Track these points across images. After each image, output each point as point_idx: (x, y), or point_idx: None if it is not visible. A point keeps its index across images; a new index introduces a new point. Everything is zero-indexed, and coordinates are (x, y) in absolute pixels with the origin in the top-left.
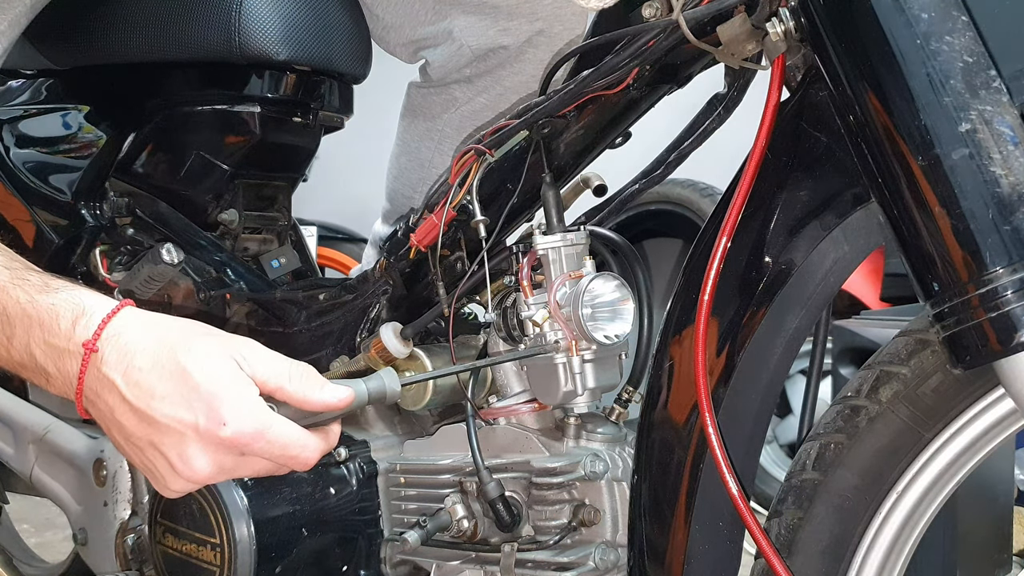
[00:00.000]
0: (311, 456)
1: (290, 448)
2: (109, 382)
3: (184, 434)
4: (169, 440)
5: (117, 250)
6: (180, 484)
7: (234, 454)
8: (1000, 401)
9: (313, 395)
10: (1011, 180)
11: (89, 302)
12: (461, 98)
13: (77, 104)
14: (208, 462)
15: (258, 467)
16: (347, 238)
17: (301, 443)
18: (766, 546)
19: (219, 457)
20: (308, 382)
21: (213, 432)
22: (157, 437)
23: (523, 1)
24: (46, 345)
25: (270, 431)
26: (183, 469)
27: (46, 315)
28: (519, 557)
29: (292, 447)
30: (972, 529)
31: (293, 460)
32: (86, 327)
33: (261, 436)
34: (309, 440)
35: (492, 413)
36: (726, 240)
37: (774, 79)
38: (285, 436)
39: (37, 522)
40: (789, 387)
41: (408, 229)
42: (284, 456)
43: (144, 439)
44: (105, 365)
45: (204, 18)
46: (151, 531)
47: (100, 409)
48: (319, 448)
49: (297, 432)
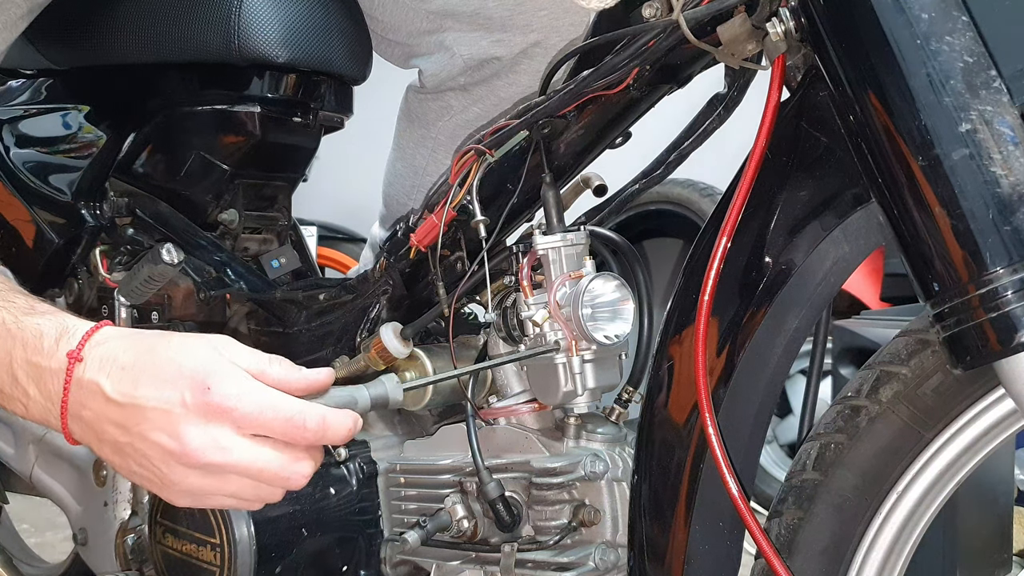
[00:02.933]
0: (311, 421)
1: (283, 410)
2: (94, 386)
3: (171, 411)
4: (158, 424)
5: (117, 250)
6: (180, 473)
7: (228, 425)
8: (1000, 401)
9: (293, 376)
10: (1011, 180)
11: (71, 322)
12: (456, 106)
13: (77, 104)
14: (201, 434)
15: (258, 451)
16: (347, 238)
17: (298, 409)
18: (766, 546)
19: (213, 430)
20: (287, 366)
21: (199, 400)
22: (146, 425)
23: (517, 13)
24: (28, 365)
25: (257, 393)
26: (178, 450)
27: (30, 335)
28: (519, 557)
29: (286, 410)
30: (972, 529)
31: (296, 429)
32: (69, 342)
33: (248, 398)
34: (303, 405)
35: (492, 413)
36: (726, 240)
37: (774, 79)
38: (277, 398)
39: (37, 522)
40: (789, 387)
41: (408, 229)
42: (282, 423)
43: (136, 436)
44: (89, 371)
45: (203, 19)
46: (151, 531)
47: (86, 419)
48: (319, 412)
49: (291, 400)
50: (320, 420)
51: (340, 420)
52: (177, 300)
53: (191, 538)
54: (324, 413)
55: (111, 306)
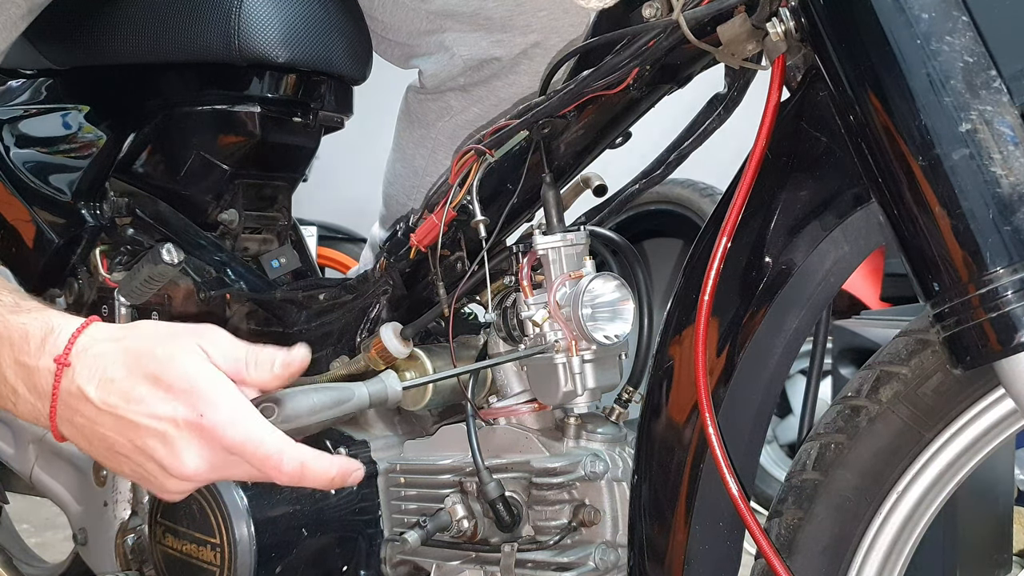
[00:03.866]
0: (287, 465)
1: (264, 448)
2: (84, 394)
3: (166, 432)
4: (153, 441)
5: (117, 250)
6: (174, 484)
7: (220, 450)
8: (1000, 401)
9: (267, 378)
10: (1011, 180)
11: (57, 320)
12: (456, 107)
13: (77, 104)
14: (197, 456)
15: (245, 469)
16: (347, 238)
17: (277, 449)
18: (766, 546)
19: (206, 452)
20: (264, 366)
21: (193, 421)
22: (140, 440)
23: (517, 14)
24: (16, 364)
25: (244, 423)
26: (174, 465)
27: (16, 334)
28: (519, 557)
29: (267, 448)
30: (972, 529)
31: (272, 469)
32: (55, 344)
33: (235, 428)
34: (285, 446)
35: (492, 413)
36: (726, 240)
37: (774, 79)
38: (262, 433)
39: (37, 522)
40: (789, 387)
41: (408, 229)
42: (261, 460)
43: (128, 445)
44: (79, 378)
45: (203, 19)
46: (151, 531)
47: (78, 424)
48: (298, 458)
49: (275, 439)
50: (297, 467)
51: (320, 469)
52: (177, 300)
53: (191, 538)
54: (304, 460)
55: (111, 306)
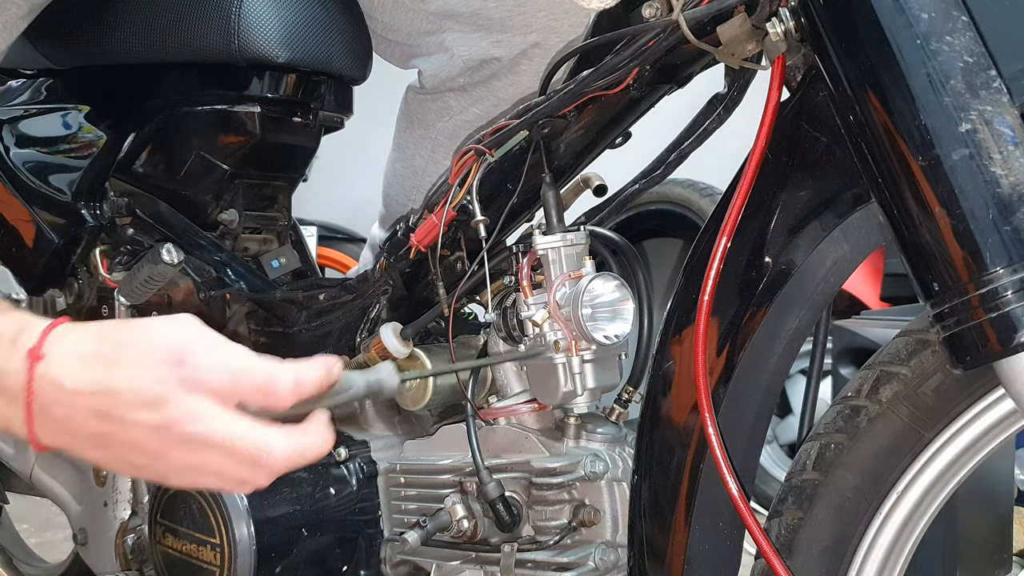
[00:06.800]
0: (282, 384)
1: (256, 375)
2: (60, 381)
3: (146, 388)
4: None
5: (117, 250)
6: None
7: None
8: (1000, 401)
9: None
10: (1011, 180)
11: (29, 320)
12: (456, 107)
13: (77, 104)
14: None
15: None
16: (347, 238)
17: (264, 371)
18: (766, 546)
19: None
20: None
21: (174, 373)
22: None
23: (517, 14)
24: None
25: (229, 360)
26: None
27: None
28: (519, 557)
29: (259, 374)
30: (972, 529)
31: (270, 392)
32: (28, 339)
33: (221, 368)
34: (272, 367)
35: (492, 413)
36: (726, 240)
37: (774, 79)
38: (248, 362)
39: (37, 522)
40: (789, 387)
41: (408, 229)
42: (254, 390)
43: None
44: (53, 367)
45: (203, 19)
46: (151, 531)
47: (59, 419)
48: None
49: (263, 364)
50: (291, 381)
51: (312, 368)
52: (177, 300)
53: (191, 538)
54: (295, 372)
55: (111, 306)
